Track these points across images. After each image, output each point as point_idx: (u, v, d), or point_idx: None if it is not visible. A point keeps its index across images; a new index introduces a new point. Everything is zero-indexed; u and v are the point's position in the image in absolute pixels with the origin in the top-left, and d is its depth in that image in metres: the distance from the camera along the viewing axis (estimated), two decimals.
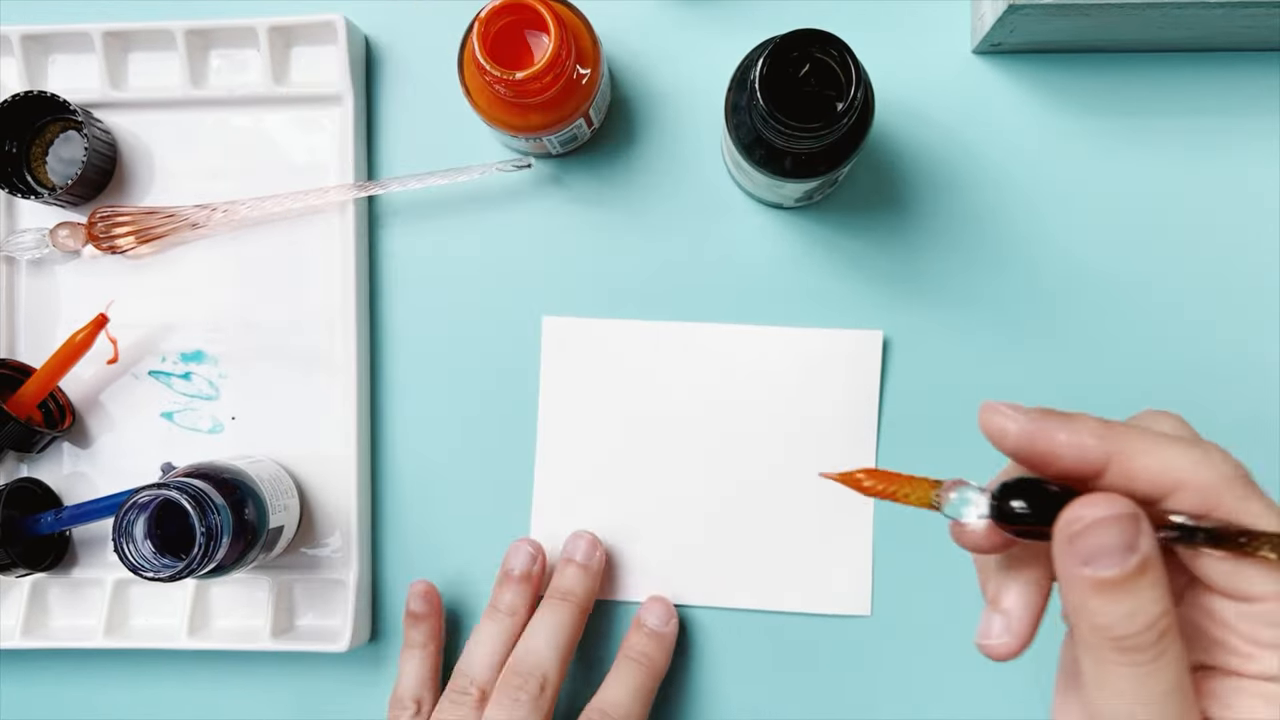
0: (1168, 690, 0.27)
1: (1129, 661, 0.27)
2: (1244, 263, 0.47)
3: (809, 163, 0.41)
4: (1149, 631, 0.27)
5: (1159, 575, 0.27)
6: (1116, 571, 0.27)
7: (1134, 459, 0.29)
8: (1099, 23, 0.43)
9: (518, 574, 0.46)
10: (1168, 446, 0.29)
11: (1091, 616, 0.28)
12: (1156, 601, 0.27)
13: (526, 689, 0.43)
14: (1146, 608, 0.27)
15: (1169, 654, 0.27)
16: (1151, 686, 0.27)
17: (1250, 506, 0.28)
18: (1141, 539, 0.27)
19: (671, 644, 0.47)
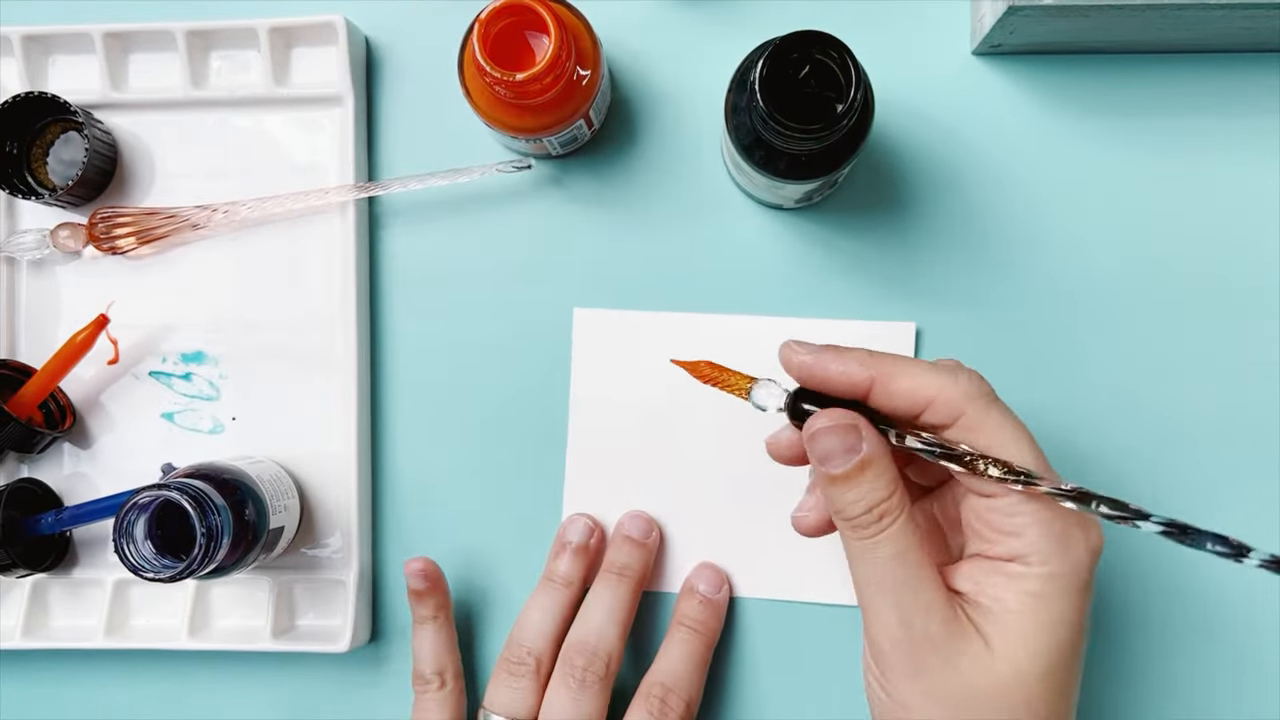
0: (888, 558, 0.34)
1: (856, 536, 0.35)
2: (1244, 263, 0.47)
3: (809, 164, 0.41)
4: (869, 514, 0.34)
5: (879, 471, 0.34)
6: (841, 469, 0.35)
7: (892, 381, 0.35)
8: (1099, 24, 0.43)
9: (575, 544, 0.46)
10: (921, 370, 0.35)
11: (830, 502, 0.35)
12: (876, 490, 0.34)
13: (593, 669, 0.43)
14: (867, 495, 0.34)
15: (888, 531, 0.34)
16: (874, 554, 0.34)
17: (990, 416, 0.34)
18: (863, 444, 0.34)
19: (724, 610, 0.47)
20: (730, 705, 0.48)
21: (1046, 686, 0.33)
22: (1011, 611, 0.33)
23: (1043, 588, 0.33)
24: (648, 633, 0.48)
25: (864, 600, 0.35)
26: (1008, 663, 0.33)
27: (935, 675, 0.34)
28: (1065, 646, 0.33)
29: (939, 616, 0.34)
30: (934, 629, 0.34)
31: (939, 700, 0.34)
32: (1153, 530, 0.31)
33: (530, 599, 0.46)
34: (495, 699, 0.44)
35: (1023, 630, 0.33)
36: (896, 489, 0.35)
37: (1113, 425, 0.47)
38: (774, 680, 0.48)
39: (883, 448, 0.35)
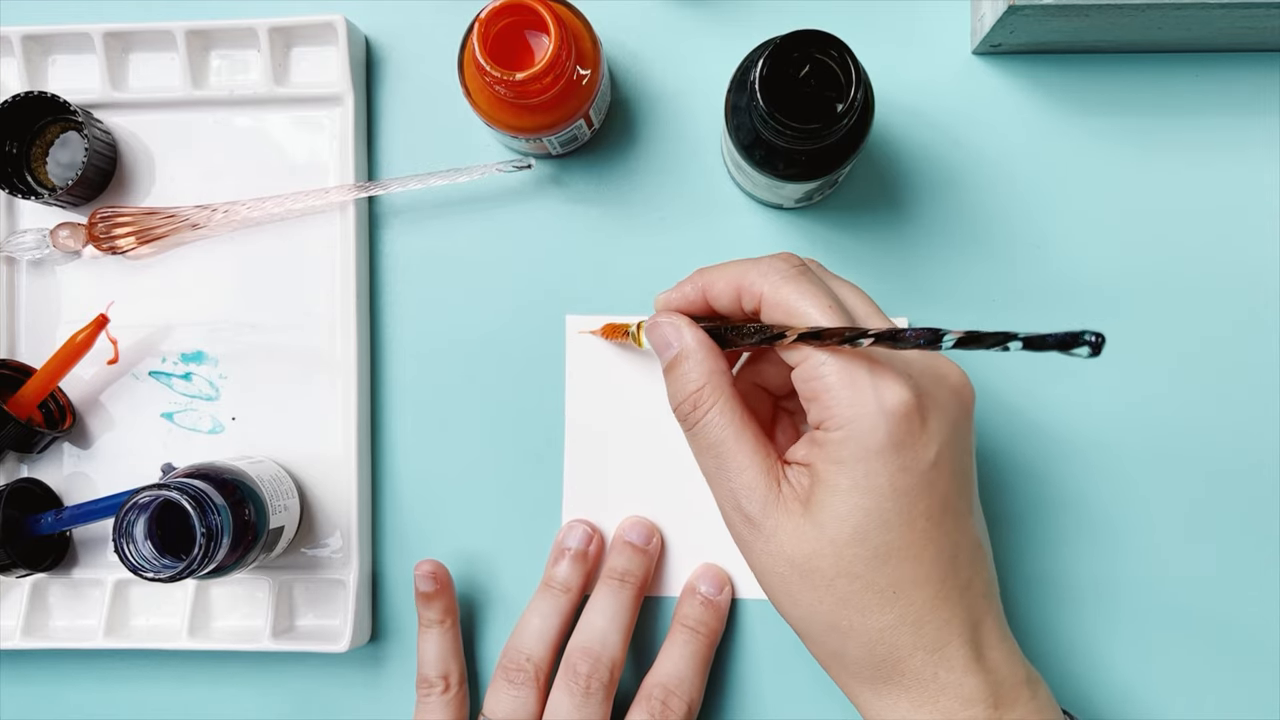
0: (706, 447, 0.36)
1: (682, 425, 0.38)
2: (1244, 262, 0.47)
3: (809, 163, 0.41)
4: (686, 403, 0.37)
5: (695, 363, 0.37)
6: (664, 361, 0.38)
7: (713, 286, 0.38)
8: (1098, 23, 0.43)
9: (574, 550, 0.46)
10: (730, 266, 0.38)
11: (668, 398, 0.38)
12: (691, 382, 0.37)
13: (598, 676, 0.43)
14: (683, 386, 0.37)
15: (703, 420, 0.36)
16: (696, 444, 0.37)
17: (785, 288, 0.36)
18: (680, 336, 0.38)
19: (726, 612, 0.47)
20: (731, 706, 0.48)
21: (860, 551, 0.33)
22: (820, 480, 0.34)
23: (839, 453, 0.34)
24: (648, 636, 0.48)
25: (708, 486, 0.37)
26: (817, 529, 0.34)
27: (759, 550, 0.35)
28: (874, 510, 0.33)
29: (757, 496, 0.35)
30: (752, 509, 0.35)
31: (767, 570, 0.35)
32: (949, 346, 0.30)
33: (529, 605, 0.46)
34: (495, 706, 0.44)
35: (828, 497, 0.34)
36: (708, 381, 0.36)
37: (1112, 424, 0.47)
38: (775, 681, 0.48)
39: (698, 340, 0.37)
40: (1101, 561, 0.47)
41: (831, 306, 0.35)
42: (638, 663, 0.48)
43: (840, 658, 0.35)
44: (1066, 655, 0.47)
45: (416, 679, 0.46)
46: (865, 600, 0.34)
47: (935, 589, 0.34)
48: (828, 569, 0.34)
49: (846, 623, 0.34)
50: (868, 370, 0.33)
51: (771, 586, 0.36)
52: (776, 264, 0.36)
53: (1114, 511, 0.47)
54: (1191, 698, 0.47)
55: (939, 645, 0.34)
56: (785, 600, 0.36)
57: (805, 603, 0.35)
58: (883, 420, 0.33)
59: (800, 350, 0.34)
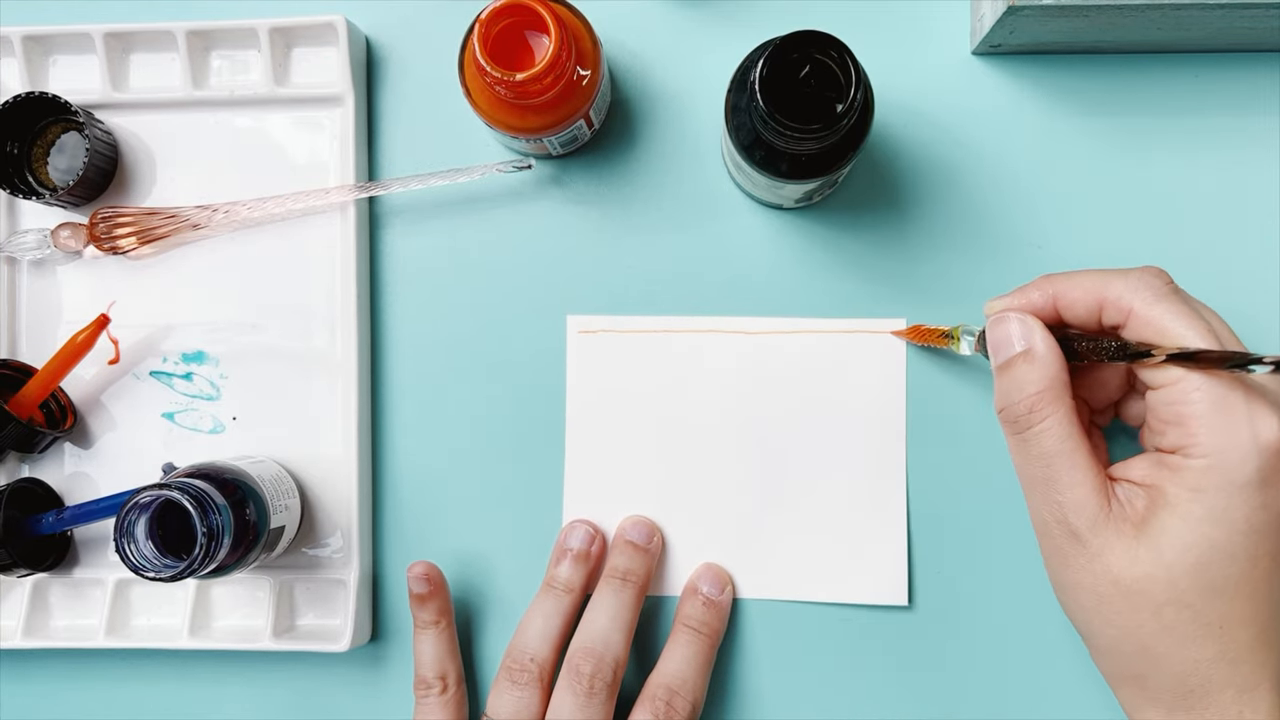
0: (1035, 455, 0.35)
1: (1008, 430, 0.37)
2: (1244, 262, 0.47)
3: (809, 164, 0.41)
4: (1018, 406, 0.36)
5: (1038, 366, 0.36)
6: (1001, 359, 0.37)
7: (1066, 294, 0.37)
8: (1098, 23, 0.43)
9: (576, 550, 0.46)
10: (1091, 276, 0.37)
11: (995, 396, 0.37)
12: (1030, 384, 0.36)
13: (601, 675, 0.43)
14: (1021, 387, 0.36)
15: (1037, 428, 0.35)
16: (1024, 451, 0.36)
17: (1158, 307, 0.35)
18: (1030, 335, 0.36)
19: (727, 611, 0.47)
20: (734, 706, 0.48)
21: (1197, 582, 0.33)
22: (1168, 504, 0.33)
23: (1200, 481, 0.33)
24: (649, 636, 0.48)
25: (1024, 491, 0.37)
26: (1154, 555, 0.33)
27: (1079, 567, 0.35)
28: (1223, 544, 0.33)
29: (1086, 513, 0.34)
30: (1079, 524, 0.35)
31: (1084, 587, 0.35)
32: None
33: (531, 605, 0.46)
34: (498, 706, 0.44)
35: (1174, 524, 0.33)
36: (1050, 386, 0.35)
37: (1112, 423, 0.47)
38: (777, 681, 0.48)
39: (1047, 345, 0.36)
40: None
41: (1209, 331, 0.34)
42: (640, 662, 0.48)
43: (1142, 680, 0.35)
44: None
45: (414, 680, 0.46)
46: (1189, 631, 0.33)
47: (1260, 630, 0.34)
48: (1158, 594, 0.33)
49: (1163, 649, 0.34)
50: (1244, 400, 0.33)
51: (1083, 603, 0.35)
52: (1148, 279, 0.36)
53: None
54: None
55: (1251, 686, 0.34)
56: (1097, 619, 0.35)
57: (1122, 624, 0.34)
58: (1255, 455, 0.32)
59: (1168, 371, 0.34)
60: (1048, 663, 0.47)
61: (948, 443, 0.47)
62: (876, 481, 0.47)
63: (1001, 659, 0.47)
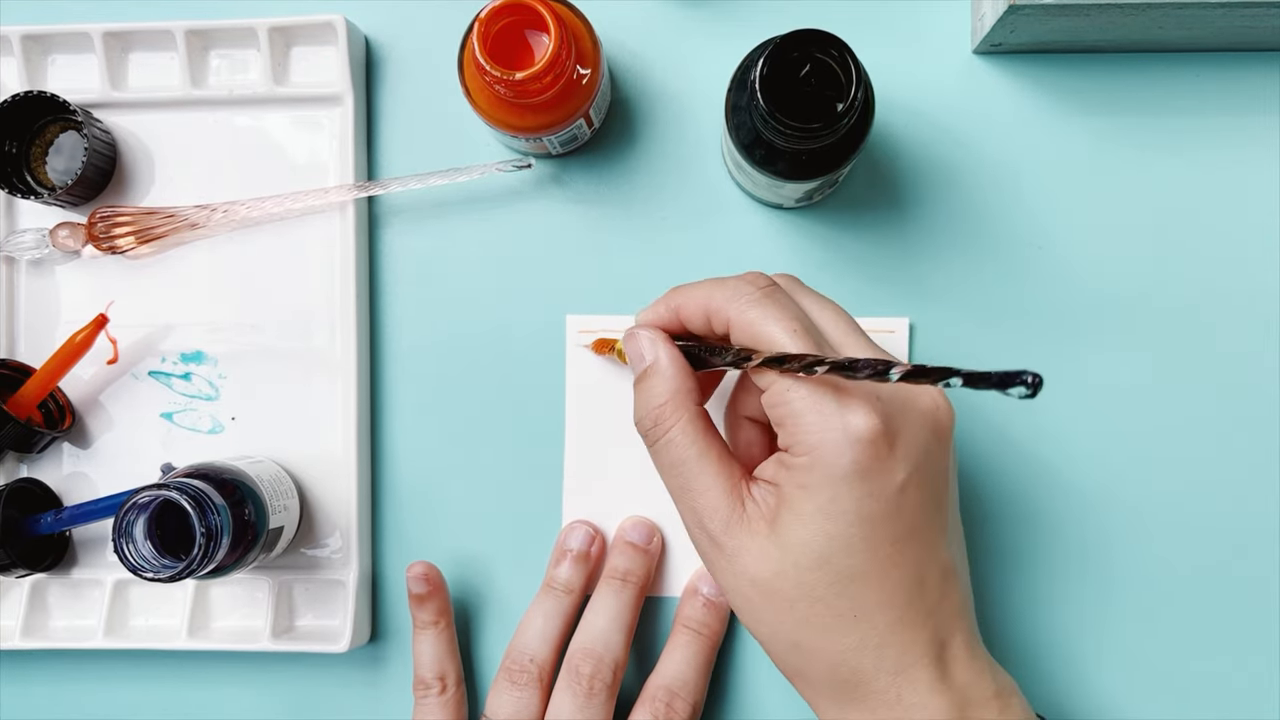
0: (669, 465, 0.36)
1: (646, 443, 0.38)
2: (1244, 262, 0.47)
3: (809, 163, 0.41)
4: (648, 419, 0.37)
5: (662, 379, 0.37)
6: (635, 373, 0.38)
7: (684, 307, 0.38)
8: (1099, 23, 0.43)
9: (576, 551, 0.46)
10: (700, 287, 0.38)
11: (634, 412, 0.38)
12: (656, 396, 0.37)
13: (600, 676, 0.43)
14: (649, 400, 0.37)
15: (665, 437, 0.36)
16: (660, 459, 0.37)
17: (750, 312, 0.35)
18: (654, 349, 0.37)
19: (728, 613, 0.47)
20: (732, 706, 0.48)
21: (823, 575, 0.33)
22: (786, 502, 0.34)
23: (805, 478, 0.33)
24: (649, 637, 0.48)
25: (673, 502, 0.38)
26: (781, 552, 0.34)
27: (723, 569, 0.36)
28: (838, 536, 0.33)
29: (719, 516, 0.35)
30: (714, 528, 0.35)
31: (731, 589, 0.35)
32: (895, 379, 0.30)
33: (531, 606, 0.46)
34: (498, 707, 0.44)
35: (792, 520, 0.34)
36: (673, 396, 0.36)
37: (1112, 423, 0.47)
38: (775, 681, 0.48)
39: (669, 357, 0.37)
40: (1094, 572, 0.47)
41: (796, 331, 0.35)
42: (639, 663, 0.48)
43: (803, 675, 0.36)
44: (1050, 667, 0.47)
45: (413, 681, 0.46)
46: (826, 622, 0.34)
47: (899, 613, 0.34)
48: (789, 590, 0.34)
49: (808, 643, 0.34)
50: (834, 396, 0.33)
51: (736, 605, 0.36)
52: (742, 286, 0.36)
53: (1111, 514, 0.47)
54: (1178, 708, 0.47)
55: (902, 668, 0.34)
56: (749, 618, 0.36)
57: (768, 621, 0.35)
58: (848, 447, 0.33)
59: (768, 374, 0.34)
60: (1048, 663, 0.47)
61: None
62: None
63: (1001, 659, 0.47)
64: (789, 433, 0.34)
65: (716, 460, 0.36)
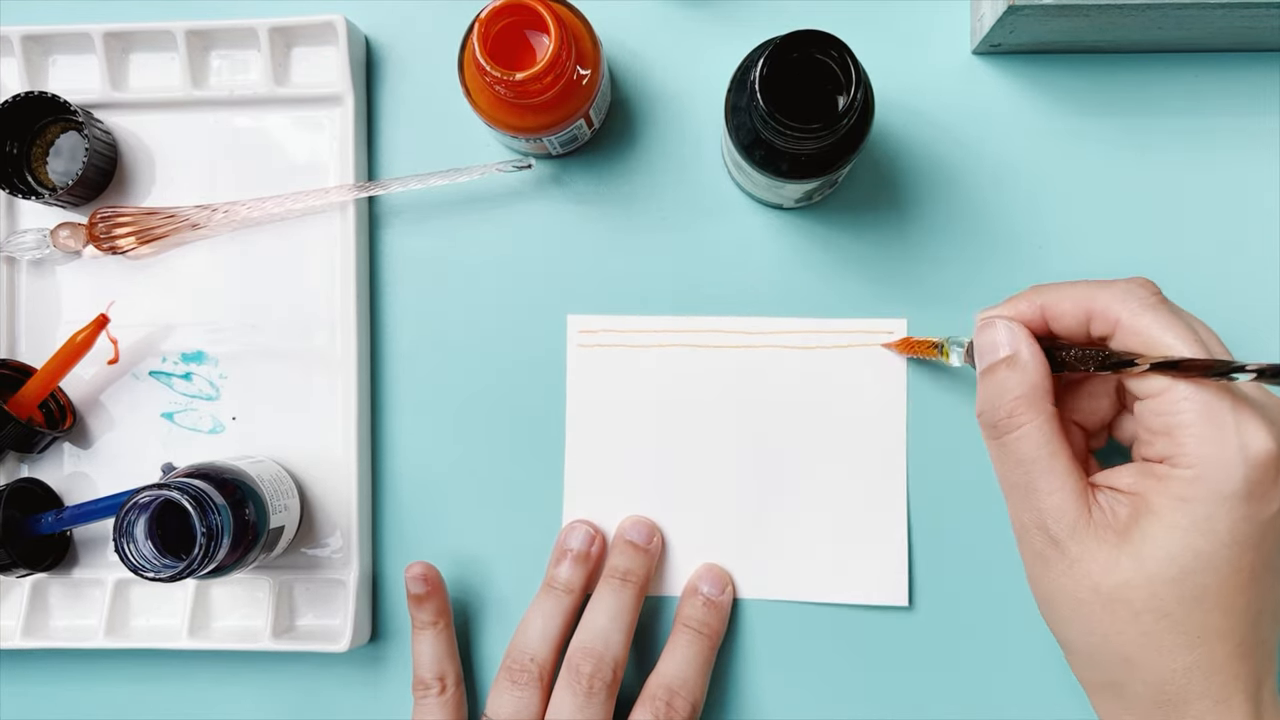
0: (1015, 461, 0.35)
1: (988, 435, 0.37)
2: (1244, 262, 0.47)
3: (809, 163, 0.41)
4: (997, 411, 0.36)
5: (1023, 372, 0.36)
6: (985, 364, 0.37)
7: (1055, 305, 0.37)
8: (1099, 23, 0.43)
9: (576, 551, 0.46)
10: (1079, 286, 0.37)
11: (977, 402, 0.37)
12: (1010, 390, 0.36)
13: (600, 675, 0.43)
14: (1002, 392, 0.36)
15: (1017, 432, 0.35)
16: (1007, 453, 0.36)
17: (1145, 317, 0.35)
18: (1015, 341, 0.36)
19: (728, 612, 0.47)
20: (732, 706, 0.48)
21: (1177, 591, 0.33)
22: (1153, 513, 0.33)
23: (1186, 491, 0.33)
24: (649, 636, 0.48)
25: (1005, 497, 0.37)
26: (1136, 563, 0.33)
27: (1058, 573, 0.35)
28: (1206, 554, 0.32)
29: (1066, 519, 0.34)
30: (1058, 530, 0.34)
31: (1064, 593, 0.35)
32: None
33: (531, 606, 0.46)
34: (498, 706, 0.44)
35: (1158, 532, 0.33)
36: (1030, 392, 0.35)
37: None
38: (777, 681, 0.48)
39: (1031, 351, 0.36)
40: None
41: (1196, 340, 0.34)
42: (639, 662, 0.48)
43: (1119, 689, 0.35)
44: None
45: (413, 681, 0.46)
46: (1168, 640, 0.33)
47: (1237, 643, 0.33)
48: (1138, 602, 0.33)
49: (1141, 658, 0.34)
50: (1231, 410, 0.32)
51: (1062, 610, 0.35)
52: (1134, 289, 0.36)
53: None
54: None
55: (1225, 697, 0.33)
56: (1077, 625, 0.35)
57: (1101, 631, 0.34)
58: (1243, 467, 0.32)
59: (1154, 381, 0.34)
60: (1047, 663, 0.47)
61: (948, 443, 0.47)
62: (877, 482, 0.47)
63: (1001, 659, 0.47)
64: (1176, 443, 0.33)
65: (1068, 461, 0.35)
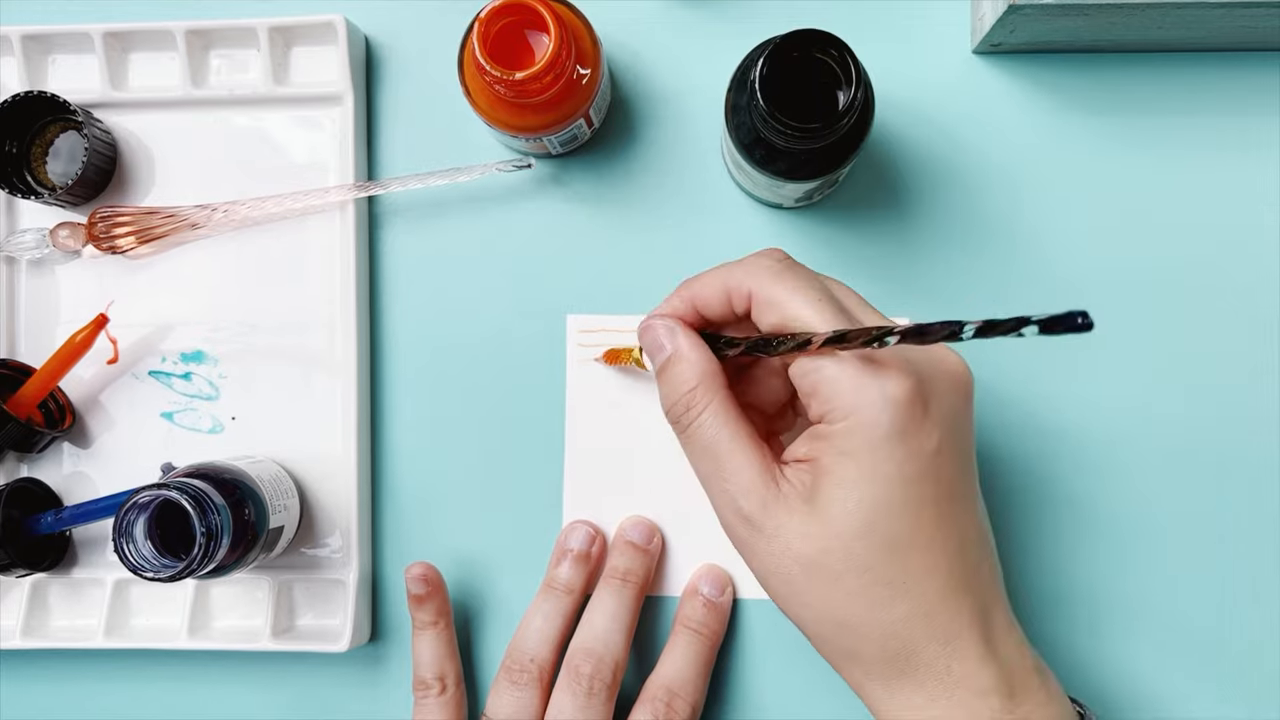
0: (700, 449, 0.36)
1: (676, 432, 0.37)
2: (1244, 262, 0.47)
3: (809, 163, 0.41)
4: (678, 406, 0.36)
5: (688, 364, 0.36)
6: (656, 364, 0.38)
7: (700, 293, 0.37)
8: (1099, 23, 0.43)
9: (577, 552, 0.46)
10: (716, 272, 0.37)
11: (661, 404, 0.38)
12: (684, 382, 0.36)
13: (600, 676, 0.43)
14: (676, 387, 0.36)
15: (696, 422, 0.36)
16: (691, 443, 0.36)
17: (774, 286, 0.35)
18: (673, 337, 0.37)
19: (728, 613, 0.47)
20: (732, 706, 0.48)
21: (870, 544, 0.33)
22: (826, 472, 0.33)
23: (845, 444, 0.33)
24: (649, 637, 0.48)
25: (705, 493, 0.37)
26: (824, 525, 0.33)
27: (761, 551, 0.35)
28: (882, 500, 0.33)
29: (755, 496, 0.34)
30: (750, 508, 0.34)
31: (771, 571, 0.35)
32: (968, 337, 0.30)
33: (531, 606, 0.46)
34: (498, 707, 0.44)
35: (833, 490, 0.33)
36: (701, 381, 0.36)
37: (1113, 424, 0.47)
38: (775, 681, 0.48)
39: (690, 342, 0.37)
40: (1103, 558, 0.47)
41: (821, 299, 0.34)
42: (640, 663, 0.48)
43: (852, 656, 0.35)
44: (1069, 649, 0.47)
45: (413, 681, 0.46)
46: (875, 593, 0.33)
47: (944, 579, 0.33)
48: (835, 564, 0.33)
49: (857, 619, 0.34)
50: (866, 360, 0.33)
51: (776, 589, 0.35)
52: (762, 261, 0.36)
53: (1116, 509, 0.47)
54: (1192, 696, 0.47)
55: (951, 636, 0.33)
56: (793, 601, 0.35)
57: (813, 602, 0.34)
58: (887, 407, 0.32)
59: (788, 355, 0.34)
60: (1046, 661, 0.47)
61: None
62: None
63: None
64: (824, 400, 0.34)
65: (748, 441, 0.35)
